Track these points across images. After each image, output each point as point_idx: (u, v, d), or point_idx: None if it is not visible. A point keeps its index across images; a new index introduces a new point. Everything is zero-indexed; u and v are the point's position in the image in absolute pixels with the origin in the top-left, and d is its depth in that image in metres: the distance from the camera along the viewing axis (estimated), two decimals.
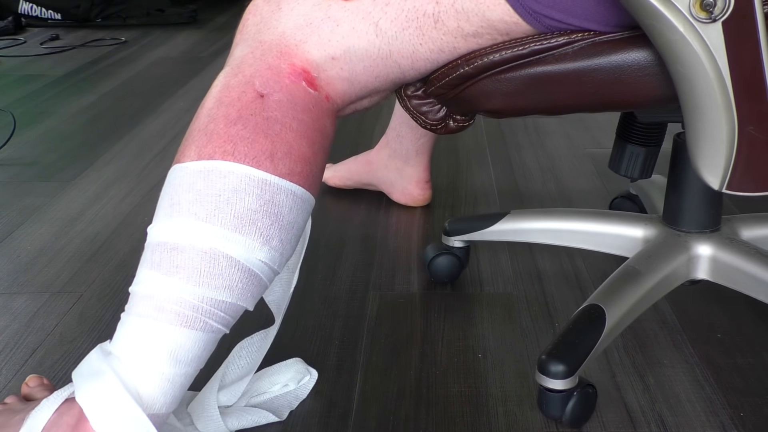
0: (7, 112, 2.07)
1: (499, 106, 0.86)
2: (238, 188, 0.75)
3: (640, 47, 0.79)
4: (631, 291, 0.98)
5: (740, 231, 1.08)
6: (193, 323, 0.76)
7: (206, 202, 0.75)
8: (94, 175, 1.76)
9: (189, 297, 0.75)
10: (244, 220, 0.75)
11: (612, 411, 0.96)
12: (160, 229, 0.77)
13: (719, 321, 1.14)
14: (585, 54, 0.80)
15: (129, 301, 0.79)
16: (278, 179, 0.77)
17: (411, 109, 0.92)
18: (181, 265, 0.75)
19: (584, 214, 1.17)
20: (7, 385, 1.03)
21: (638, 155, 1.08)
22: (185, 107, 2.27)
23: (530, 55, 0.82)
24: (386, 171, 1.55)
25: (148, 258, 0.78)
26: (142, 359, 0.76)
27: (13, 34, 3.35)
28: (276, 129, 0.77)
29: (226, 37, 3.28)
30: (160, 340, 0.76)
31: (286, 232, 0.78)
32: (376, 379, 1.03)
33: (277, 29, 0.82)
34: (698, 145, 0.79)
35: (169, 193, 0.78)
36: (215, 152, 0.76)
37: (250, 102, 0.78)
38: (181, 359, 0.76)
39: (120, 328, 0.78)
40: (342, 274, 1.30)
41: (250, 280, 0.77)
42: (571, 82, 0.82)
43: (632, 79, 0.80)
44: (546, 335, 1.12)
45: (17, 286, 1.28)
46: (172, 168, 0.79)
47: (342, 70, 0.82)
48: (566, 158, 1.81)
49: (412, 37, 0.81)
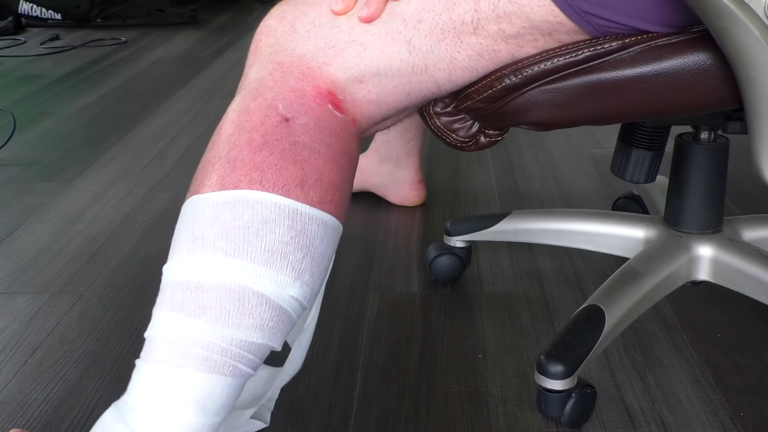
0: (7, 112, 2.07)
1: (547, 118, 0.81)
2: (268, 219, 0.69)
3: (701, 50, 0.76)
4: (631, 292, 0.98)
5: (742, 232, 1.08)
6: (221, 369, 0.69)
7: (233, 236, 0.69)
8: (94, 175, 1.76)
9: (217, 340, 0.69)
10: (276, 254, 0.69)
11: (612, 411, 0.96)
12: (181, 267, 0.71)
13: (719, 321, 1.14)
14: (643, 59, 0.77)
15: (146, 347, 0.71)
16: (310, 208, 0.71)
17: (440, 127, 0.86)
18: (208, 306, 0.69)
19: (585, 215, 1.17)
20: (7, 384, 1.03)
21: (644, 159, 1.06)
22: (185, 107, 2.27)
23: (584, 62, 0.77)
24: (378, 176, 1.56)
25: (167, 299, 0.71)
26: (165, 410, 0.69)
27: (13, 34, 3.35)
28: (305, 155, 0.72)
29: (226, 37, 3.28)
30: (185, 388, 0.69)
31: (317, 264, 0.72)
32: (376, 379, 1.03)
33: (296, 51, 0.77)
34: (764, 148, 0.76)
35: (190, 227, 0.71)
36: (241, 181, 0.70)
37: (275, 126, 0.72)
38: (208, 408, 0.69)
39: (136, 376, 0.71)
40: (342, 274, 1.30)
41: (281, 318, 0.71)
42: (629, 89, 0.78)
43: (692, 83, 0.77)
44: (546, 335, 1.12)
45: (17, 286, 1.28)
46: (190, 200, 0.73)
47: (370, 93, 0.77)
48: (566, 158, 1.81)
49: (449, 47, 0.76)
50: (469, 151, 0.89)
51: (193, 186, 0.74)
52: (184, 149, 1.88)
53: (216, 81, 2.56)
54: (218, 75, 2.64)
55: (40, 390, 1.02)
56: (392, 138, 1.51)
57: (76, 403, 0.99)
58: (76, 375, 1.05)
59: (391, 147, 1.51)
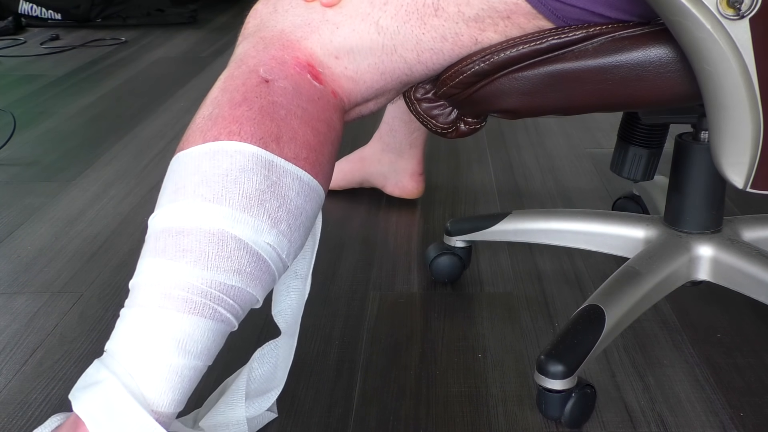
0: (7, 112, 2.07)
1: (515, 105, 0.84)
2: (245, 167, 0.73)
3: (662, 43, 0.77)
4: (631, 292, 0.98)
5: (742, 232, 1.08)
6: (202, 310, 0.72)
7: (213, 183, 0.73)
8: (94, 175, 1.76)
9: (197, 281, 0.71)
10: (253, 200, 0.73)
11: (612, 411, 0.96)
12: (164, 215, 0.74)
13: (719, 321, 1.14)
14: (606, 50, 0.78)
15: (129, 296, 0.74)
16: (284, 162, 0.75)
17: (421, 113, 0.90)
18: (188, 249, 0.72)
19: (585, 215, 1.17)
20: (7, 384, 1.03)
21: (641, 157, 1.07)
22: (185, 107, 2.27)
23: (548, 51, 0.80)
24: (379, 165, 1.56)
25: (150, 247, 0.74)
26: (146, 351, 0.71)
27: (13, 34, 3.35)
28: (281, 114, 0.76)
29: (226, 37, 3.28)
30: (167, 328, 0.71)
31: (294, 217, 0.76)
32: (376, 379, 1.03)
33: (276, 27, 0.82)
34: (722, 143, 0.77)
35: (173, 180, 0.75)
36: (221, 133, 0.74)
37: (254, 86, 0.77)
38: (189, 350, 0.72)
39: (119, 324, 0.74)
40: (342, 274, 1.30)
41: (258, 265, 0.74)
42: (592, 79, 0.80)
43: (654, 76, 0.78)
44: (546, 335, 1.12)
45: (17, 286, 1.28)
46: (176, 156, 0.77)
47: (347, 69, 0.81)
48: (566, 158, 1.81)
49: (414, 29, 0.81)
50: (451, 137, 0.92)
51: (180, 145, 0.78)
52: None
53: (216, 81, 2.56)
54: (218, 75, 2.64)
55: (40, 390, 1.02)
56: (397, 128, 1.51)
57: None
58: (76, 375, 1.04)
59: (395, 136, 1.52)
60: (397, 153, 1.53)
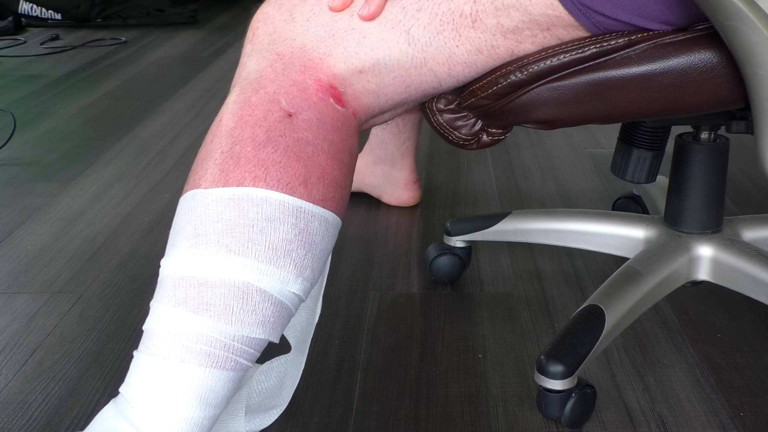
0: (7, 112, 2.07)
1: (553, 115, 0.80)
2: (272, 217, 0.70)
3: (707, 48, 0.75)
4: (631, 292, 0.98)
5: (742, 232, 1.08)
6: (224, 364, 0.70)
7: (238, 233, 0.69)
8: (94, 175, 1.76)
9: (220, 336, 0.69)
10: (279, 252, 0.70)
11: (612, 411, 0.96)
12: (183, 262, 0.70)
13: (719, 321, 1.14)
14: (650, 57, 0.76)
15: (144, 340, 0.71)
16: (312, 206, 0.72)
17: (443, 125, 0.85)
18: (212, 302, 0.69)
19: (585, 215, 1.17)
20: (7, 384, 1.03)
21: (645, 160, 1.06)
22: (185, 107, 2.27)
23: (590, 59, 0.77)
24: (373, 177, 1.55)
25: (169, 294, 0.71)
26: (167, 405, 0.69)
27: (13, 34, 3.35)
28: (308, 151, 0.72)
29: (226, 37, 3.28)
30: (188, 383, 0.69)
31: (318, 261, 0.73)
32: (376, 379, 1.03)
33: (296, 41, 0.76)
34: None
35: (191, 222, 0.71)
36: (245, 178, 0.70)
37: (278, 122, 0.72)
38: (210, 402, 0.70)
39: (135, 369, 0.71)
40: (342, 274, 1.30)
41: (281, 313, 0.72)
42: (636, 87, 0.77)
43: (698, 82, 0.76)
44: (546, 335, 1.12)
45: (17, 286, 1.28)
46: (190, 193, 0.72)
47: (369, 83, 0.77)
48: (566, 158, 1.81)
49: (447, 41, 0.76)
50: (471, 149, 0.89)
51: (192, 179, 0.73)
52: (184, 149, 1.88)
53: (216, 81, 2.56)
54: (218, 75, 2.64)
55: (40, 390, 1.02)
56: (387, 139, 1.51)
57: (76, 403, 0.99)
58: (76, 375, 1.05)
59: (386, 148, 1.51)
60: (390, 164, 1.53)
